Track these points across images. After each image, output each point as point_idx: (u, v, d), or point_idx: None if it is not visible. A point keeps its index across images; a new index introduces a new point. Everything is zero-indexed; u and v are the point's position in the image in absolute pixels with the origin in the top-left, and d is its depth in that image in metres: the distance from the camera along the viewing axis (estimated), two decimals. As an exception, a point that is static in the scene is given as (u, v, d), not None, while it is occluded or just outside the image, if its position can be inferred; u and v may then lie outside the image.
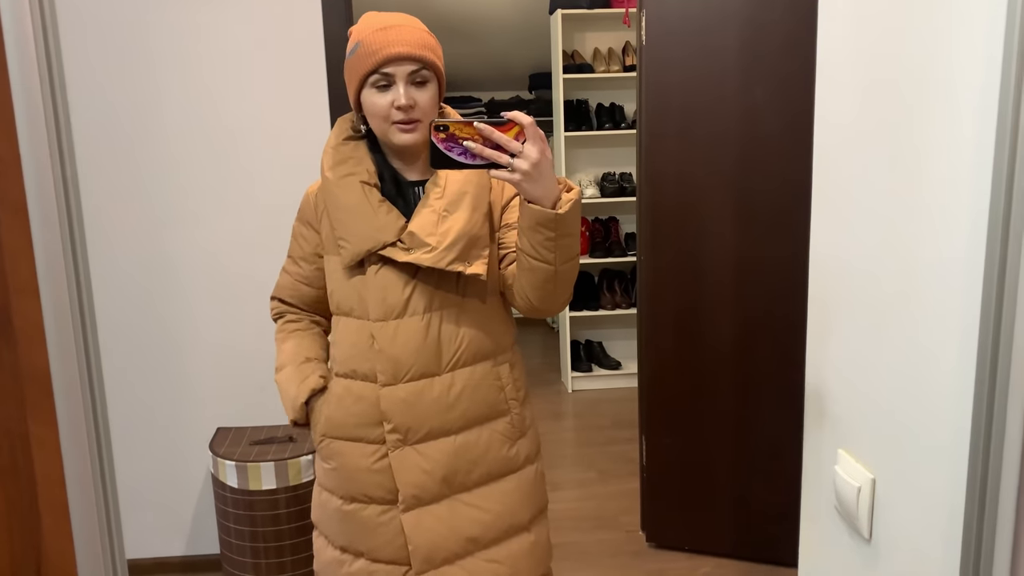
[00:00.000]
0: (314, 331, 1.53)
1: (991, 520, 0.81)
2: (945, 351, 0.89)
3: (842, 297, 1.13)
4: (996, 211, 0.77)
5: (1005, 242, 0.77)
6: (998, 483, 0.81)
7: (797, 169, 2.39)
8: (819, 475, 1.22)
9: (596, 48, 4.51)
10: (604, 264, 4.70)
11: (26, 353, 0.75)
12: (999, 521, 0.81)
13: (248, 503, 2.32)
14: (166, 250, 2.52)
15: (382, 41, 1.28)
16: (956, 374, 0.87)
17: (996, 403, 0.80)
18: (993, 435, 0.80)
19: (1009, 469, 0.80)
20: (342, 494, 1.42)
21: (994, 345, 0.80)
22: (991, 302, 0.79)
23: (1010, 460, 0.79)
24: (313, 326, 1.53)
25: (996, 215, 0.78)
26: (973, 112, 0.82)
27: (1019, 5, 0.74)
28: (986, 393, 0.81)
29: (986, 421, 0.81)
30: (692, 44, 2.48)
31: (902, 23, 0.94)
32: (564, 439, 3.82)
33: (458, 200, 1.33)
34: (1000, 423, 0.80)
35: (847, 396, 1.12)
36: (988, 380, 0.81)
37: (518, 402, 1.45)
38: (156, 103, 2.44)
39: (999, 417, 0.80)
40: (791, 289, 2.39)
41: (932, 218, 0.90)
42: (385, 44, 1.28)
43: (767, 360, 2.55)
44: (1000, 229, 0.77)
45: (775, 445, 2.57)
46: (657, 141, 2.58)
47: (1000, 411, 0.80)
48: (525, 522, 1.45)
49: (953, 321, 0.87)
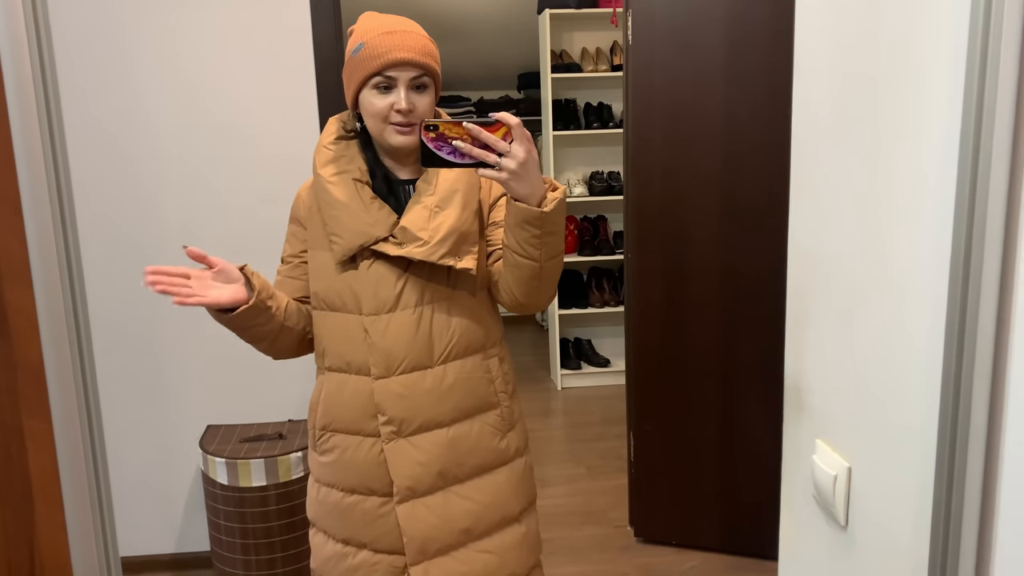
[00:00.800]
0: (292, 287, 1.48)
1: (958, 505, 0.84)
2: (915, 342, 0.92)
3: (818, 289, 1.16)
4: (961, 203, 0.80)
5: (970, 232, 0.80)
6: (964, 469, 0.83)
7: (781, 167, 2.43)
8: (798, 465, 1.25)
9: (584, 48, 4.54)
10: (592, 262, 4.73)
11: (20, 346, 0.76)
12: (965, 505, 0.84)
13: (238, 500, 2.33)
14: (156, 247, 2.53)
15: (387, 45, 1.31)
16: (926, 364, 0.90)
17: (962, 392, 0.83)
18: (959, 422, 0.83)
19: (975, 456, 0.83)
20: (343, 487, 1.44)
21: (960, 335, 0.83)
22: (956, 292, 0.82)
23: (975, 447, 0.82)
24: (296, 302, 1.48)
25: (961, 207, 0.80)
26: (940, 104, 0.85)
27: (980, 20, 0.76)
28: (952, 383, 0.84)
29: (952, 410, 0.84)
30: (678, 44, 2.51)
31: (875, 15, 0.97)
32: (553, 436, 3.84)
33: (449, 197, 1.36)
34: (966, 411, 0.83)
35: (824, 387, 1.15)
36: (954, 370, 0.84)
37: (507, 395, 1.48)
38: (145, 101, 2.45)
39: (964, 406, 0.83)
40: (774, 285, 2.43)
41: (902, 208, 0.93)
42: (391, 48, 1.31)
43: (752, 356, 2.58)
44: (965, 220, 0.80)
45: (760, 440, 2.61)
46: (643, 140, 2.61)
47: (966, 400, 0.83)
48: (516, 513, 1.48)
49: (922, 311, 0.90)
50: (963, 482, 0.84)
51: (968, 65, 0.78)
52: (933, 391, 0.89)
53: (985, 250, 0.78)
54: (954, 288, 0.82)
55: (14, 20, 0.71)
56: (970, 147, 0.79)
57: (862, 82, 1.01)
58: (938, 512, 0.86)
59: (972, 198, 0.79)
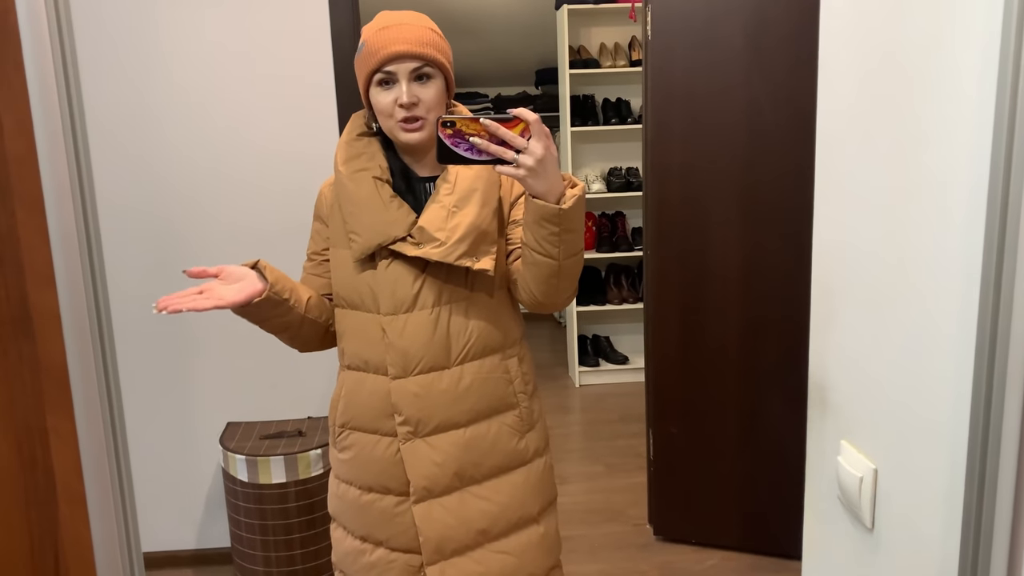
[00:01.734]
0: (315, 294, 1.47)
1: (989, 507, 0.82)
2: (945, 341, 0.90)
3: (844, 287, 1.14)
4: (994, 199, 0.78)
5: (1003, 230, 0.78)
6: (996, 471, 0.82)
7: (802, 160, 2.40)
8: (822, 466, 1.23)
9: (602, 43, 4.51)
10: (611, 259, 4.71)
11: (44, 347, 0.77)
12: (997, 507, 0.82)
13: (258, 496, 2.34)
14: (176, 245, 2.55)
15: (383, 40, 1.31)
16: (955, 363, 0.88)
17: (994, 393, 0.81)
18: (991, 424, 0.81)
19: (1007, 457, 0.81)
20: (360, 485, 1.44)
21: (992, 336, 0.81)
22: (989, 290, 0.80)
23: (1008, 448, 0.81)
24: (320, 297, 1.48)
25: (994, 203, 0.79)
26: (971, 99, 0.83)
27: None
28: (984, 383, 0.82)
29: (984, 410, 0.82)
30: (697, 38, 2.49)
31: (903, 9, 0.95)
32: (572, 433, 3.83)
33: (468, 196, 1.35)
34: (998, 412, 0.81)
35: (849, 386, 1.13)
36: (986, 370, 0.82)
37: (526, 395, 1.47)
38: (166, 99, 2.46)
39: (997, 406, 0.81)
40: (796, 282, 2.40)
41: (931, 205, 0.91)
42: (386, 43, 1.31)
43: (773, 354, 2.56)
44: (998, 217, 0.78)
45: (781, 438, 2.58)
46: (663, 135, 2.59)
47: (998, 400, 0.81)
48: (534, 514, 1.47)
49: (952, 309, 0.88)
50: (995, 484, 0.82)
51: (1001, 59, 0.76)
52: (963, 391, 0.87)
53: (1019, 247, 0.76)
54: (986, 286, 0.80)
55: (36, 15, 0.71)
56: (1003, 142, 0.77)
57: (889, 74, 0.99)
58: (968, 515, 0.84)
59: (1005, 195, 0.77)
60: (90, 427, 0.77)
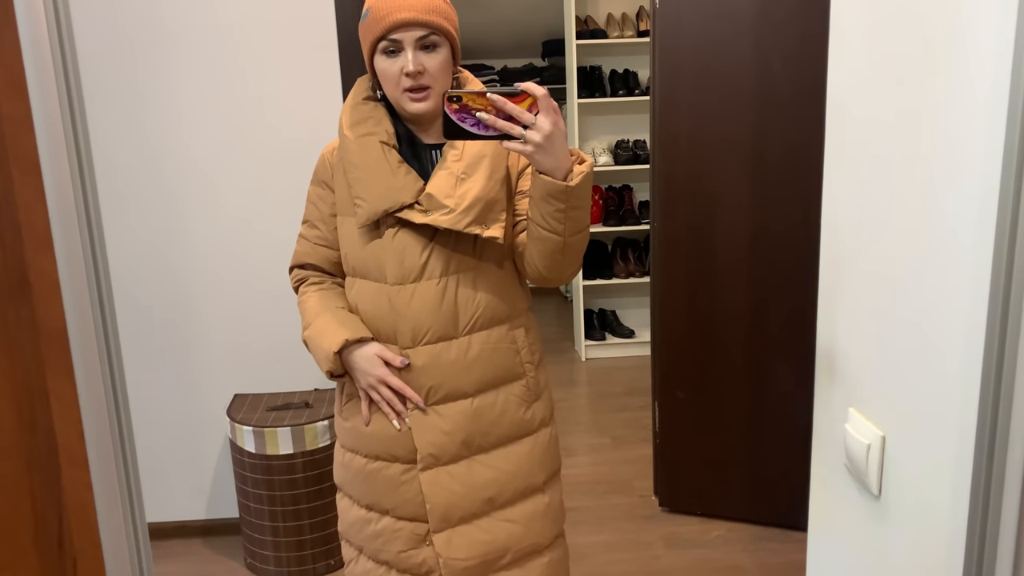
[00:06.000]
0: (336, 290, 1.50)
1: (999, 473, 0.82)
2: (954, 307, 0.88)
3: (852, 256, 1.12)
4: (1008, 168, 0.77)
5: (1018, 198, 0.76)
6: (1007, 436, 0.81)
7: (812, 133, 2.36)
8: (830, 434, 1.23)
9: (610, 13, 4.45)
10: (618, 232, 4.69)
11: (43, 309, 0.76)
12: (1007, 473, 0.81)
13: (266, 467, 2.36)
14: (182, 218, 2.54)
15: (389, 6, 1.29)
16: (965, 330, 0.87)
17: (1005, 359, 0.80)
18: (1003, 387, 0.80)
19: (1018, 422, 0.80)
20: (366, 453, 1.44)
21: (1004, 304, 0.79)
22: (1002, 259, 0.79)
23: (1018, 413, 0.79)
24: (335, 287, 1.50)
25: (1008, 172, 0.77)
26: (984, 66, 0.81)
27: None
28: (995, 348, 0.81)
29: (996, 375, 0.81)
30: (706, 7, 2.44)
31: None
32: (578, 406, 3.84)
33: (476, 163, 1.33)
34: (1009, 378, 0.80)
35: (858, 354, 1.12)
36: (998, 335, 0.80)
37: (533, 366, 1.46)
38: (169, 72, 2.44)
39: (1008, 372, 0.80)
40: (804, 253, 2.38)
41: (943, 175, 0.89)
42: (392, 10, 1.28)
43: (780, 325, 2.54)
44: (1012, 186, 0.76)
45: (788, 410, 2.57)
46: (670, 106, 2.56)
47: (1009, 366, 0.80)
48: (540, 483, 1.47)
49: (962, 277, 0.86)
50: (1004, 450, 0.81)
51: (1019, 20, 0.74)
52: (972, 358, 0.86)
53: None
54: (999, 254, 0.79)
55: None
56: (1020, 110, 0.75)
57: (900, 46, 0.97)
58: (977, 481, 0.83)
59: (1020, 161, 0.75)
60: (90, 389, 0.77)
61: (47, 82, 0.70)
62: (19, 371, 0.77)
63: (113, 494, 0.77)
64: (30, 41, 0.70)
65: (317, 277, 1.51)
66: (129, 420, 0.78)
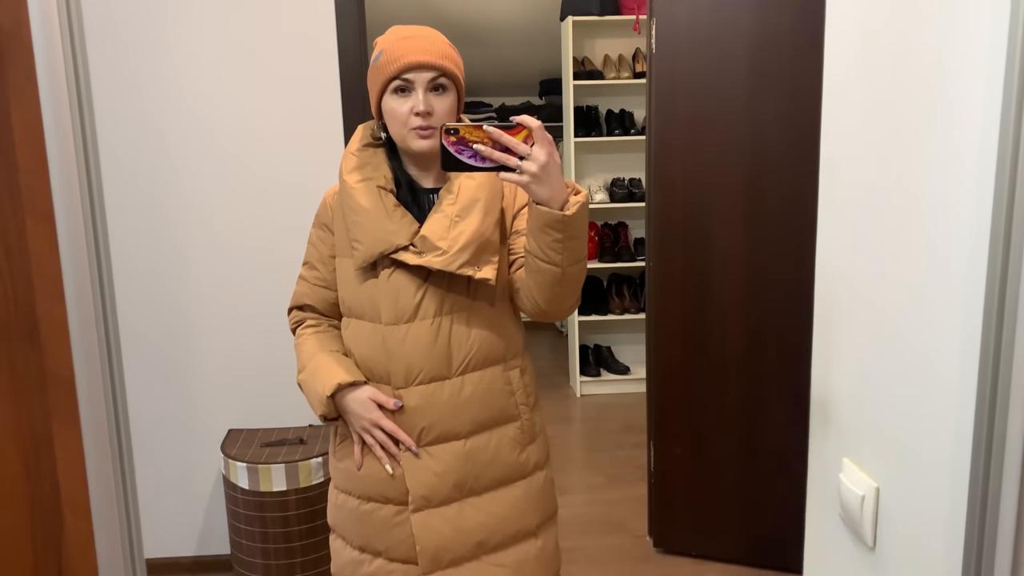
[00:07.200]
0: (333, 333, 1.52)
1: (992, 527, 0.82)
2: (947, 360, 0.90)
3: (846, 306, 1.14)
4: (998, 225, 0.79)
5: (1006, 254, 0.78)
6: (999, 491, 0.82)
7: (804, 179, 2.40)
8: (824, 483, 1.23)
9: (606, 54, 4.53)
10: (613, 269, 4.72)
11: (51, 357, 0.77)
12: (1000, 528, 0.82)
13: (259, 504, 2.34)
14: (179, 253, 2.55)
15: (404, 49, 1.33)
16: (958, 383, 0.88)
17: (997, 412, 0.81)
18: (994, 443, 0.82)
19: (1009, 477, 0.81)
20: (359, 494, 1.44)
21: (995, 354, 0.81)
22: (992, 312, 0.81)
23: (1011, 467, 0.81)
24: (332, 329, 1.52)
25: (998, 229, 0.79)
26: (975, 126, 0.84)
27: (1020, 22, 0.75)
28: (987, 402, 0.82)
29: (987, 429, 0.82)
30: (701, 52, 2.50)
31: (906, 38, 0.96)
32: (573, 443, 3.83)
33: (470, 206, 1.36)
34: (1001, 431, 0.81)
35: (851, 405, 1.13)
36: (989, 390, 0.82)
37: (528, 408, 1.47)
38: (172, 112, 2.47)
39: (1000, 425, 0.81)
40: (798, 295, 2.40)
41: (935, 230, 0.91)
42: (407, 52, 1.32)
43: (775, 366, 2.55)
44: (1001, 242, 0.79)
45: (783, 451, 2.58)
46: (666, 148, 2.60)
47: (1000, 420, 0.81)
48: (533, 528, 1.47)
49: (955, 330, 0.88)
50: (997, 504, 0.82)
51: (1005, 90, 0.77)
52: (965, 410, 0.87)
53: (1023, 270, 0.77)
54: (989, 307, 0.81)
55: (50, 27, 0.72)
56: (1007, 167, 0.77)
57: (893, 103, 1.00)
58: (971, 535, 0.84)
59: (1009, 220, 0.77)
60: (96, 437, 0.77)
61: (64, 135, 0.72)
62: (25, 418, 0.77)
63: (115, 542, 0.77)
64: (50, 97, 0.72)
65: (314, 320, 1.53)
66: (132, 469, 0.79)
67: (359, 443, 1.42)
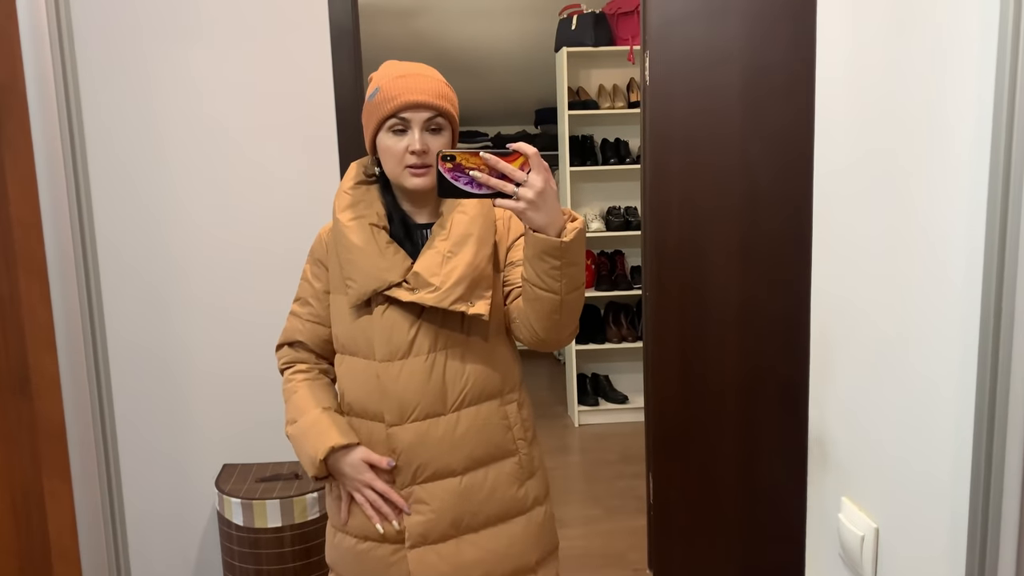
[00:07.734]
0: (323, 381, 1.52)
1: (992, 568, 0.82)
2: (945, 398, 0.90)
3: (843, 342, 1.14)
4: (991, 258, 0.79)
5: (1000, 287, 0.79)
6: (998, 531, 0.81)
7: (799, 212, 2.41)
8: (823, 522, 1.22)
9: (601, 84, 4.57)
10: (610, 297, 4.72)
11: (42, 408, 0.77)
12: (1000, 569, 0.81)
13: (253, 541, 2.31)
14: (170, 289, 2.54)
15: (401, 88, 1.34)
16: (956, 420, 0.88)
17: (995, 451, 0.81)
18: (992, 483, 0.81)
19: (1008, 517, 0.80)
20: (355, 533, 1.43)
21: (991, 394, 0.81)
22: (987, 348, 0.81)
23: (1009, 507, 0.80)
24: (322, 376, 1.52)
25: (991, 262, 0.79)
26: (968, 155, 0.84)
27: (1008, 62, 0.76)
28: (984, 441, 0.82)
29: (985, 469, 0.82)
30: (695, 83, 2.52)
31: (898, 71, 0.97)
32: (571, 474, 3.80)
33: (463, 241, 1.36)
34: (999, 471, 0.81)
35: (849, 443, 1.13)
36: (987, 428, 0.82)
37: (526, 442, 1.46)
38: (164, 147, 2.48)
39: (997, 465, 0.81)
40: (796, 326, 2.40)
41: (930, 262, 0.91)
42: (404, 91, 1.33)
43: (776, 395, 2.54)
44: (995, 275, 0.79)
45: (782, 484, 2.56)
46: (661, 177, 2.61)
47: (999, 459, 0.81)
48: (532, 564, 1.45)
49: (952, 366, 0.88)
50: (997, 544, 0.81)
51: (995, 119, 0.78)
52: (963, 448, 0.87)
53: (1017, 304, 0.77)
54: (984, 344, 0.81)
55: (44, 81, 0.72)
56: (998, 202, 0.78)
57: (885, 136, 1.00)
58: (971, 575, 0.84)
59: (1002, 255, 0.78)
60: (86, 489, 0.77)
61: (57, 191, 0.73)
62: (16, 470, 0.77)
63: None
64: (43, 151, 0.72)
65: (303, 365, 1.53)
66: (123, 517, 0.78)
67: (347, 500, 1.42)
